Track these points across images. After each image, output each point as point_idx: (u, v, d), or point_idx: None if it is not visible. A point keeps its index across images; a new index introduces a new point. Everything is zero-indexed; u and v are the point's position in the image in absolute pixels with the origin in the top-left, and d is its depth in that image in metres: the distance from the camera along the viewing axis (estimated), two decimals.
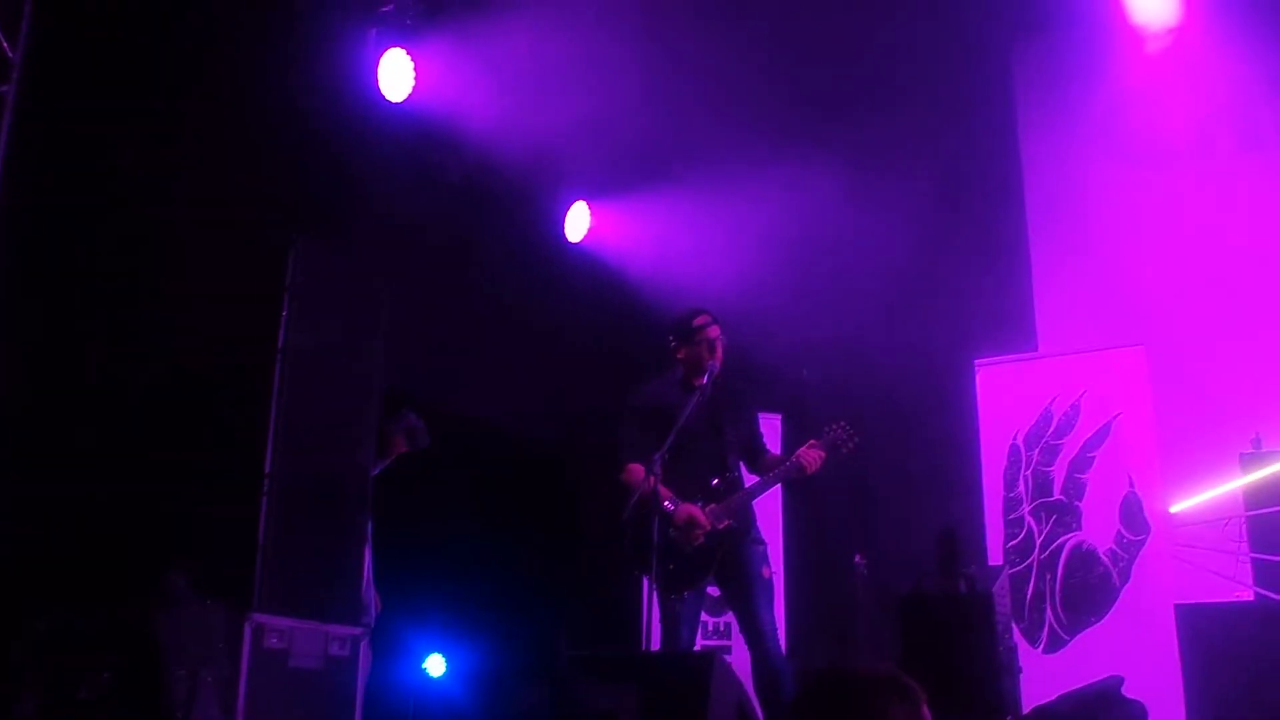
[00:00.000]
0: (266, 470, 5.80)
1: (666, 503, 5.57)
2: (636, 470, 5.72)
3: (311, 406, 6.09)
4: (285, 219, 6.19)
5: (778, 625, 5.81)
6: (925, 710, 2.38)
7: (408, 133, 7.28)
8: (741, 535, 5.71)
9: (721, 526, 5.65)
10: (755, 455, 6.00)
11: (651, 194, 8.58)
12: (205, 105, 6.17)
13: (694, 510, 5.64)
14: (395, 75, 7.08)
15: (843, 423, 5.77)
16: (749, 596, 5.65)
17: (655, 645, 5.71)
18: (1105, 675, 6.99)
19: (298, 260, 6.04)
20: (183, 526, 5.61)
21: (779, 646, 5.67)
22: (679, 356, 5.99)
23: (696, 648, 6.08)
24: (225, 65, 6.25)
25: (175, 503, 5.63)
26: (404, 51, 7.11)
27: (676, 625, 5.66)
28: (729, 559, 5.69)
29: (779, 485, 6.34)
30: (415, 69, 7.14)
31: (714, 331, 5.92)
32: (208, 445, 5.82)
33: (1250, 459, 7.28)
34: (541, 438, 8.00)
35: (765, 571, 5.73)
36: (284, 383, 5.94)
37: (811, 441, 5.70)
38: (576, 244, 8.82)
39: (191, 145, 6.10)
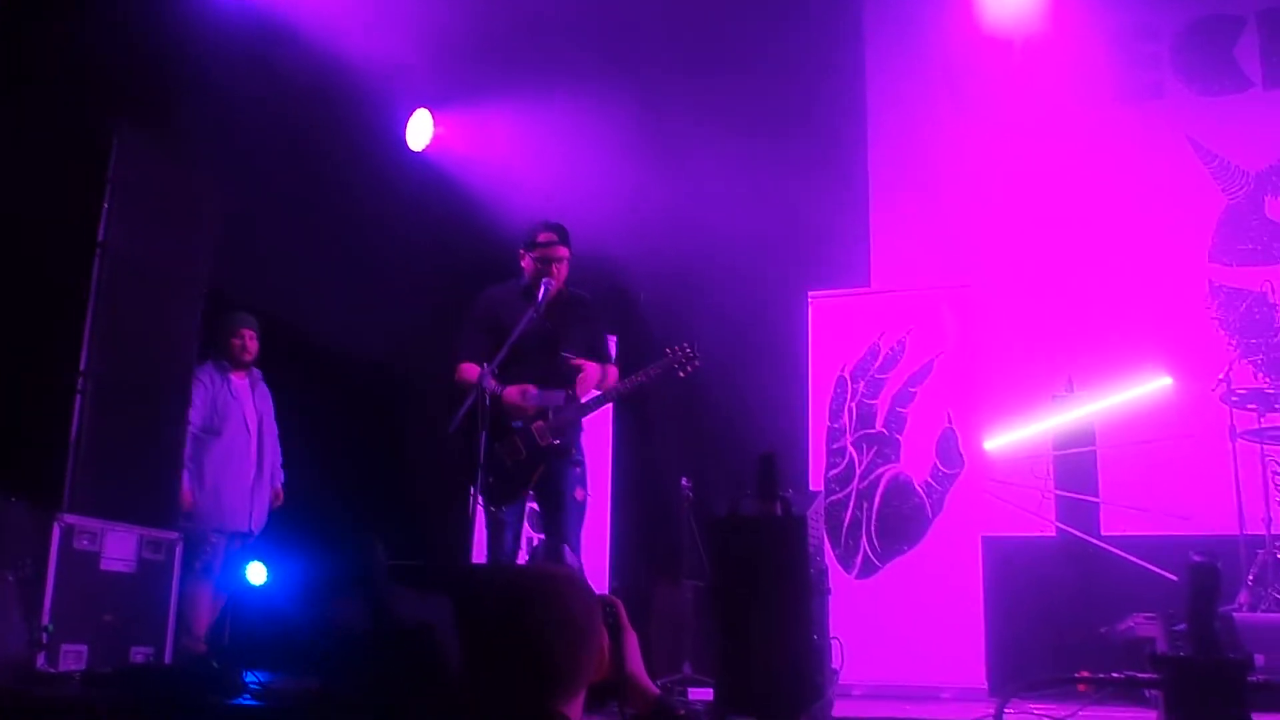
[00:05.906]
0: (81, 368, 5.65)
1: (491, 381, 5.53)
2: (470, 369, 5.74)
3: (131, 305, 5.92)
4: (107, 106, 5.93)
5: (582, 548, 5.89)
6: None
7: (244, 28, 7.01)
8: (562, 454, 5.76)
9: (544, 444, 5.71)
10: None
11: (495, 104, 8.46)
12: None
13: (525, 386, 5.70)
14: None
15: (686, 345, 5.79)
16: (558, 517, 5.78)
17: (479, 558, 5.77)
18: (913, 601, 7.28)
19: (121, 150, 5.84)
20: None
21: (579, 567, 5.76)
22: (523, 265, 5.97)
23: (522, 560, 6.13)
24: None
25: None
26: None
27: (500, 532, 5.77)
28: (546, 477, 5.78)
29: (610, 405, 6.40)
30: None
31: (558, 251, 5.89)
32: (19, 340, 5.62)
33: (1061, 401, 7.59)
34: (372, 348, 7.88)
35: (579, 494, 5.80)
36: (103, 278, 5.77)
37: (648, 368, 5.73)
38: (418, 153, 8.67)
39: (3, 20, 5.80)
